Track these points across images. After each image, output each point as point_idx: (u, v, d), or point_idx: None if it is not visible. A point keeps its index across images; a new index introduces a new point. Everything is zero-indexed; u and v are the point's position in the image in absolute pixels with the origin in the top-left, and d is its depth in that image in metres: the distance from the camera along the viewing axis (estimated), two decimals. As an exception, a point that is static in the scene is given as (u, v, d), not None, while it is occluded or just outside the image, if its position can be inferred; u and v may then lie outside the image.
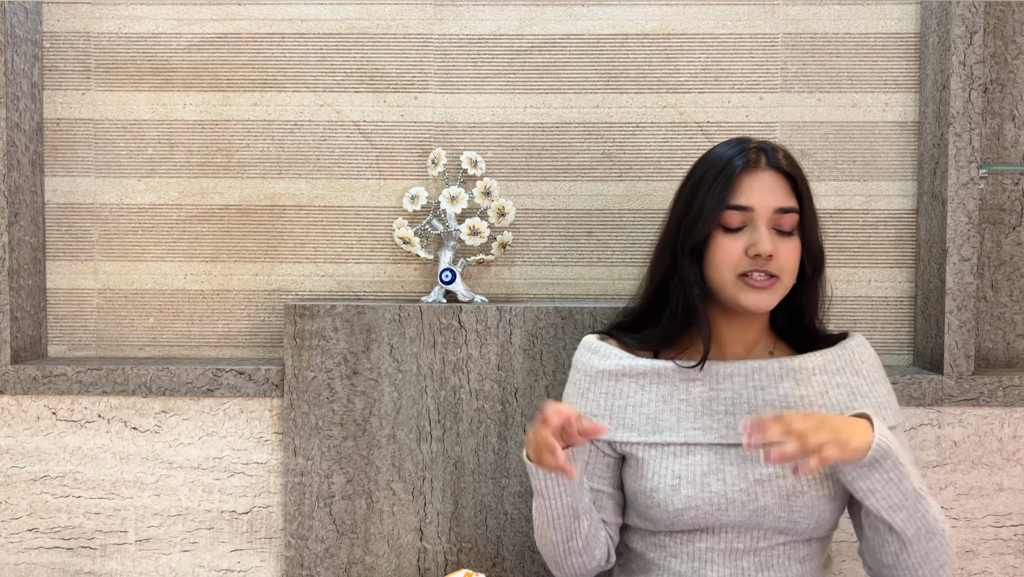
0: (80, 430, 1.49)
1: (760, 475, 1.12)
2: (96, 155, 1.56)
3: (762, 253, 1.09)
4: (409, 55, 1.54)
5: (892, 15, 1.52)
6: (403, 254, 1.56)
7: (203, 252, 1.57)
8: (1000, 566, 1.48)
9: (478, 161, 1.50)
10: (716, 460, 1.13)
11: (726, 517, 1.12)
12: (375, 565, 1.44)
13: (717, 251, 1.13)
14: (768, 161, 1.14)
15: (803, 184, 1.15)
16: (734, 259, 1.11)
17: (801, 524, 1.12)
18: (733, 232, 1.12)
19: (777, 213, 1.12)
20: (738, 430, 1.13)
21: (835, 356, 1.18)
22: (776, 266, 1.11)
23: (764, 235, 1.10)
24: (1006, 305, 1.55)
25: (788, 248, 1.12)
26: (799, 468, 1.00)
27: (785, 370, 1.16)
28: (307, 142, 1.55)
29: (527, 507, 1.43)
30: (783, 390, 1.15)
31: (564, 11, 1.53)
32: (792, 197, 1.14)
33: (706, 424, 1.15)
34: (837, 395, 1.16)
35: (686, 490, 1.12)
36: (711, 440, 1.14)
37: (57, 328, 1.58)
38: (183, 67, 1.55)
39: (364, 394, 1.43)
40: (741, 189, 1.12)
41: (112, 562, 1.51)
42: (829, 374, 1.16)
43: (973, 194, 1.44)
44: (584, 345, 1.24)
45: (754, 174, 1.13)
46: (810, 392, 1.15)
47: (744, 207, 1.12)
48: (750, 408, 1.15)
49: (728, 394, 1.16)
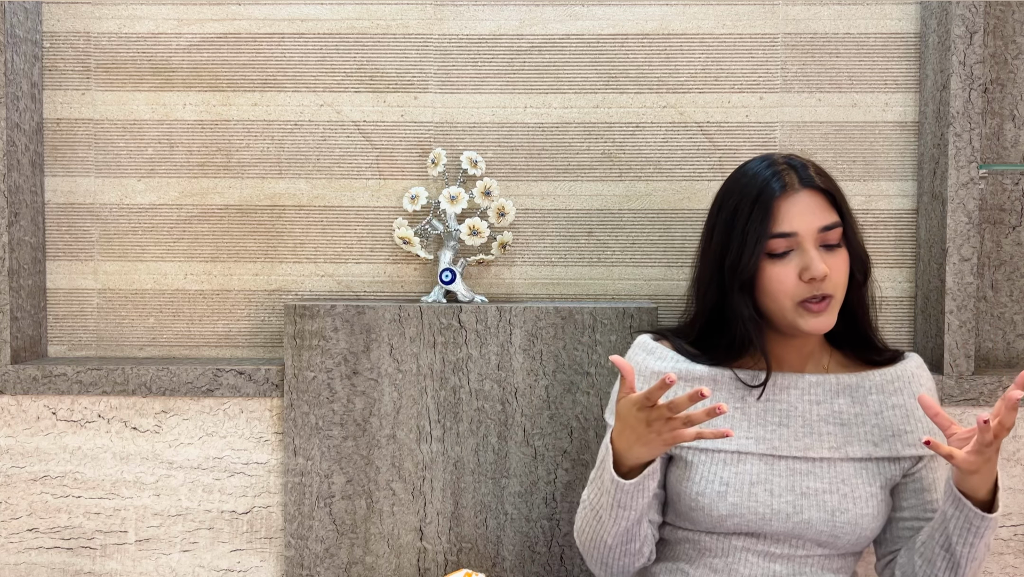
0: (80, 430, 1.49)
1: (807, 489, 1.13)
2: (96, 155, 1.56)
3: (817, 276, 1.08)
4: (409, 55, 1.54)
5: (892, 15, 1.52)
6: (403, 254, 1.56)
7: (203, 252, 1.57)
8: (1000, 566, 1.48)
9: (478, 161, 1.50)
10: (765, 470, 1.14)
11: (769, 527, 1.12)
12: (375, 565, 1.44)
13: (770, 282, 1.11)
14: (801, 181, 1.13)
15: (839, 195, 1.15)
16: (789, 288, 1.10)
17: (842, 539, 1.13)
18: (780, 258, 1.11)
19: (822, 232, 1.11)
20: (789, 442, 1.14)
21: (893, 376, 1.18)
22: (831, 285, 1.10)
23: (815, 257, 1.09)
24: (1006, 305, 1.55)
25: (837, 262, 1.12)
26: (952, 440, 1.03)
27: (842, 386, 1.17)
28: (307, 142, 1.55)
29: (527, 507, 1.43)
30: (838, 406, 1.16)
31: (564, 11, 1.53)
32: (832, 211, 1.13)
33: (759, 434, 1.15)
34: (892, 416, 1.16)
35: (732, 497, 1.12)
36: (762, 450, 1.14)
37: (57, 328, 1.58)
38: (183, 67, 1.55)
39: (364, 394, 1.43)
40: (782, 216, 1.11)
41: (112, 562, 1.51)
42: (886, 394, 1.17)
43: (973, 194, 1.44)
44: (639, 345, 1.23)
45: (791, 197, 1.12)
46: (865, 410, 1.16)
47: (788, 233, 1.11)
48: (804, 422, 1.15)
49: (783, 406, 1.16)
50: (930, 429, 1.17)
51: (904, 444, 1.16)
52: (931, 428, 1.17)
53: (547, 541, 1.43)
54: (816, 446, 1.15)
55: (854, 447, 1.15)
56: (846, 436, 1.15)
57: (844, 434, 1.16)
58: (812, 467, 1.14)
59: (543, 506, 1.43)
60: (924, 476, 1.17)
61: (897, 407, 1.17)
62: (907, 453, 1.16)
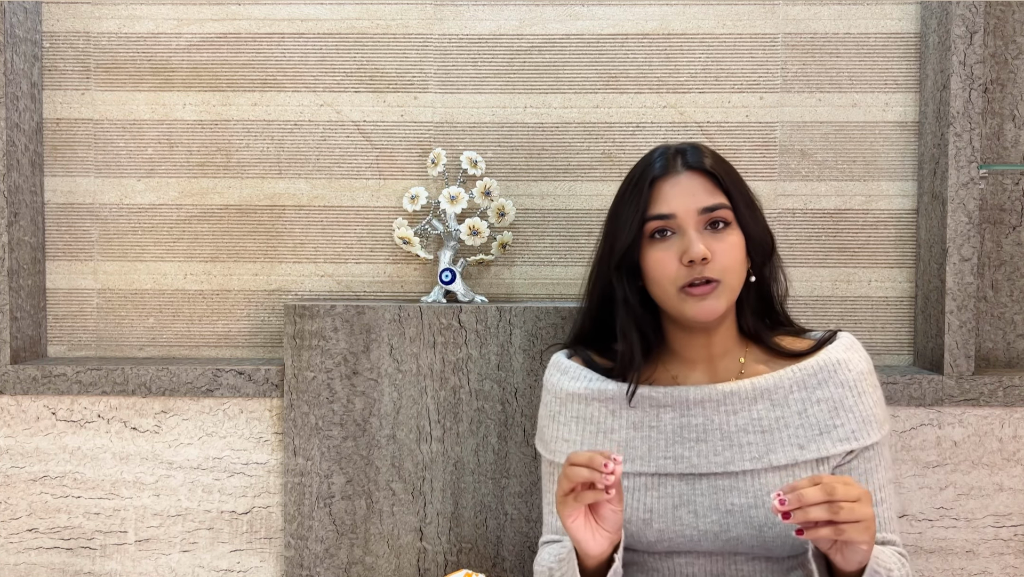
0: (80, 430, 1.49)
1: (731, 506, 1.07)
2: (96, 155, 1.56)
3: (695, 257, 1.03)
4: (409, 55, 1.54)
5: (892, 15, 1.52)
6: (403, 254, 1.56)
7: (203, 252, 1.57)
8: (1000, 566, 1.48)
9: (478, 161, 1.50)
10: (687, 491, 1.08)
11: (700, 547, 1.08)
12: (375, 565, 1.44)
13: (651, 266, 1.07)
14: (684, 163, 1.08)
15: (728, 177, 1.09)
16: (671, 272, 1.06)
17: (775, 551, 1.08)
18: (662, 241, 1.07)
19: (703, 213, 1.06)
20: (709, 458, 1.08)
21: (816, 368, 1.09)
22: (715, 269, 1.04)
23: (693, 239, 1.04)
24: (1006, 305, 1.55)
25: (725, 246, 1.06)
26: (806, 532, 0.90)
27: (759, 391, 1.09)
28: (307, 142, 1.55)
29: (527, 507, 1.43)
30: (756, 413, 1.08)
31: (564, 11, 1.53)
32: (718, 193, 1.07)
33: (677, 453, 1.09)
34: (817, 412, 1.08)
35: (657, 524, 1.08)
36: (682, 469, 1.08)
37: (57, 328, 1.58)
38: (183, 67, 1.55)
39: (364, 394, 1.43)
40: (660, 197, 1.07)
41: (112, 562, 1.50)
42: (808, 389, 1.08)
43: (973, 194, 1.44)
44: (553, 364, 1.18)
45: (671, 179, 1.08)
46: (787, 412, 1.08)
47: (665, 215, 1.06)
48: (722, 435, 1.09)
49: (699, 420, 1.09)
50: (862, 417, 1.07)
51: (833, 440, 1.07)
52: (863, 416, 1.08)
53: (547, 541, 1.43)
54: (737, 459, 1.07)
55: (777, 454, 1.07)
56: (768, 444, 1.07)
57: (766, 442, 1.07)
58: (735, 482, 1.07)
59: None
60: (855, 468, 1.08)
61: (822, 401, 1.08)
62: (836, 450, 1.07)
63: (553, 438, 1.14)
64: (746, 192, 1.11)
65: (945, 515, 1.47)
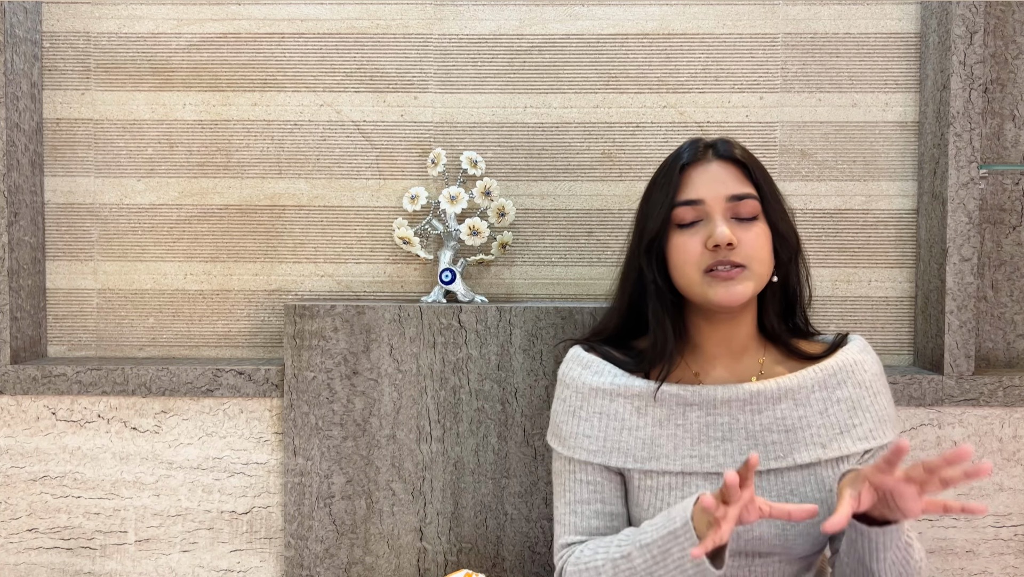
0: (80, 430, 1.49)
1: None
2: (96, 155, 1.56)
3: (720, 241, 1.04)
4: (409, 55, 1.54)
5: (892, 15, 1.52)
6: (403, 254, 1.56)
7: (203, 252, 1.57)
8: (1000, 566, 1.48)
9: (478, 161, 1.50)
10: (712, 490, 1.08)
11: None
12: (375, 565, 1.44)
13: (676, 251, 1.08)
14: (715, 152, 1.10)
15: (758, 170, 1.11)
16: (695, 256, 1.07)
17: (796, 549, 1.09)
18: (689, 229, 1.08)
19: (731, 201, 1.07)
20: (734, 457, 1.09)
21: (835, 368, 1.12)
22: (742, 254, 1.06)
23: (719, 224, 1.05)
24: (1006, 305, 1.55)
25: (752, 235, 1.07)
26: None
27: (783, 391, 1.10)
28: (307, 142, 1.55)
29: (527, 507, 1.43)
30: (780, 412, 1.10)
31: (564, 11, 1.53)
32: (747, 183, 1.09)
33: (703, 452, 1.10)
34: (837, 411, 1.10)
35: None
36: (707, 469, 1.10)
37: (57, 328, 1.58)
38: (183, 67, 1.55)
39: (364, 394, 1.43)
40: (689, 183, 1.09)
41: (112, 562, 1.50)
42: (829, 389, 1.11)
43: (973, 194, 1.44)
44: (573, 359, 1.17)
45: (701, 166, 1.09)
46: (809, 412, 1.10)
47: (694, 201, 1.08)
48: (747, 434, 1.10)
49: (725, 420, 1.10)
50: (878, 417, 1.11)
51: (853, 439, 1.10)
52: (879, 415, 1.11)
53: (547, 541, 1.43)
54: (762, 458, 1.09)
55: (801, 453, 1.09)
56: (791, 443, 1.10)
57: (789, 441, 1.10)
58: (760, 481, 1.09)
59: (543, 506, 1.43)
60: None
61: (842, 401, 1.10)
62: (855, 449, 1.10)
63: (573, 434, 1.13)
64: (774, 187, 1.12)
65: (945, 515, 1.47)
